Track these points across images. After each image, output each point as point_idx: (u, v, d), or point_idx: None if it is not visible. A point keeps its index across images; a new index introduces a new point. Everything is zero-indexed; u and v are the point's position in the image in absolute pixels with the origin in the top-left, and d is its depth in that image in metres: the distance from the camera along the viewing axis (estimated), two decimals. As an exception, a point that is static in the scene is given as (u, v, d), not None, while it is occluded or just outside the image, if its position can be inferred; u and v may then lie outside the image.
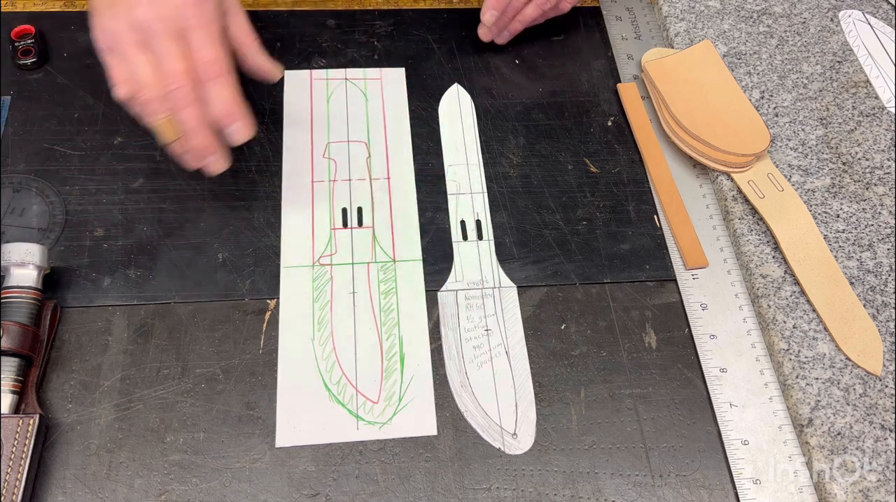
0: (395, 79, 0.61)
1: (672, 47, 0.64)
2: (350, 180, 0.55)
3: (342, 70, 0.61)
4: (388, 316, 0.50)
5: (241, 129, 0.47)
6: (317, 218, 0.54)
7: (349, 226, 0.53)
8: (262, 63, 0.50)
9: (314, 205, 0.54)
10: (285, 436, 0.45)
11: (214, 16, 0.46)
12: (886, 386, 0.48)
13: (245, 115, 0.46)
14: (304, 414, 0.46)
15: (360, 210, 0.54)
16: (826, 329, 0.49)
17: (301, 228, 0.53)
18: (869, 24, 0.67)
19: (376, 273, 0.51)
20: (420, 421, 0.46)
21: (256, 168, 0.56)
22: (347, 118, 0.59)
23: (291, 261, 0.51)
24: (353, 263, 0.52)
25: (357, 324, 0.49)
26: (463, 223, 0.54)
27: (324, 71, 0.61)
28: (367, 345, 0.49)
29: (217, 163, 0.48)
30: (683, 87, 0.58)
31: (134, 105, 0.46)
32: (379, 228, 0.53)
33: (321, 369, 0.48)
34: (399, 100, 0.60)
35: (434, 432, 0.46)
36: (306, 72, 0.61)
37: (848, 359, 0.48)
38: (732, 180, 0.56)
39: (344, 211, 0.54)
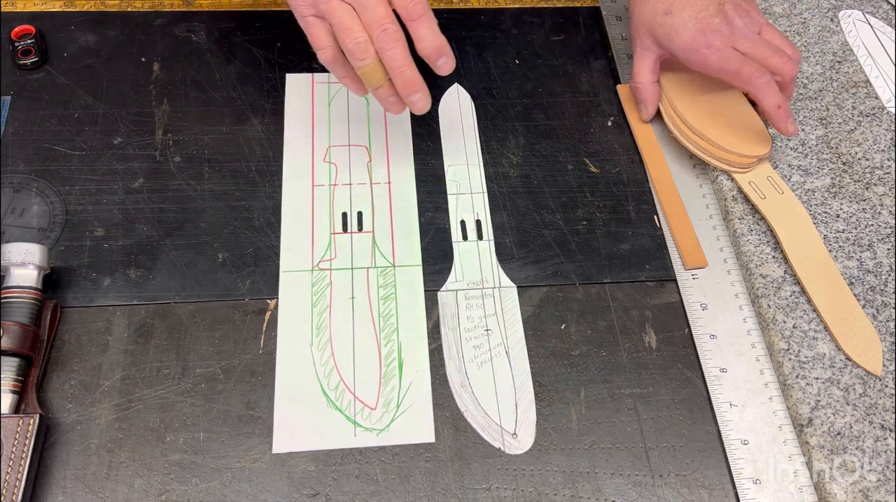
0: (395, 80, 0.61)
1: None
2: (350, 184, 0.55)
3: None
4: (387, 321, 0.50)
5: (448, 62, 0.49)
6: (316, 222, 0.54)
7: (349, 230, 0.53)
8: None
9: (314, 209, 0.54)
10: (282, 442, 0.45)
11: None
12: (886, 386, 0.48)
13: (449, 48, 0.48)
14: (302, 420, 0.46)
15: (360, 214, 0.54)
16: (827, 329, 0.49)
17: (301, 232, 0.53)
18: (869, 24, 0.67)
19: (375, 278, 0.51)
20: (418, 427, 0.46)
21: (256, 168, 0.56)
22: (349, 122, 0.58)
23: (291, 265, 0.51)
24: (352, 268, 0.52)
25: (356, 330, 0.49)
26: (463, 223, 0.54)
27: (325, 75, 0.61)
28: (365, 351, 0.48)
29: (424, 100, 0.50)
30: (688, 86, 0.58)
31: (334, 67, 0.50)
32: (379, 233, 0.53)
33: (319, 374, 0.47)
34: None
35: (432, 439, 0.46)
36: (308, 75, 0.61)
37: (848, 358, 0.48)
38: (733, 180, 0.56)
39: (344, 215, 0.54)
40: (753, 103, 0.57)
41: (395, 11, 0.47)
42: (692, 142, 0.56)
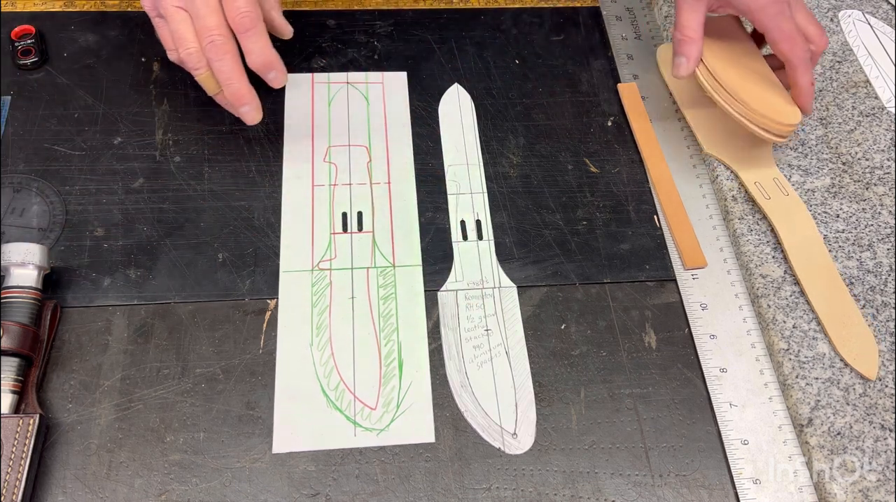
0: (397, 83, 0.61)
1: (672, 47, 0.64)
2: (350, 184, 0.55)
3: (344, 74, 0.61)
4: (387, 321, 0.50)
5: (278, 77, 0.51)
6: (316, 222, 0.53)
7: (349, 230, 0.53)
8: (277, 20, 0.54)
9: (314, 209, 0.54)
10: (282, 442, 0.45)
11: None
12: (886, 386, 0.48)
13: (280, 63, 0.51)
14: (302, 420, 0.46)
15: (360, 214, 0.54)
16: (824, 332, 0.49)
17: (301, 232, 0.53)
18: (869, 24, 0.67)
19: (375, 278, 0.51)
20: (418, 427, 0.46)
21: (256, 168, 0.56)
22: (349, 122, 0.58)
23: (291, 265, 0.51)
24: (352, 268, 0.52)
25: (356, 330, 0.49)
26: (463, 223, 0.54)
27: (325, 75, 0.61)
28: (365, 351, 0.48)
29: (253, 112, 0.52)
30: (722, 50, 0.57)
31: (181, 64, 0.51)
32: (379, 233, 0.53)
33: (319, 374, 0.47)
34: (401, 104, 0.60)
35: (432, 439, 0.46)
36: (308, 75, 0.61)
37: (844, 362, 0.48)
38: (738, 179, 0.56)
39: (344, 215, 0.54)
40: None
41: None
42: (730, 104, 0.54)
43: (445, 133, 0.59)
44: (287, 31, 0.56)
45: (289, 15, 0.65)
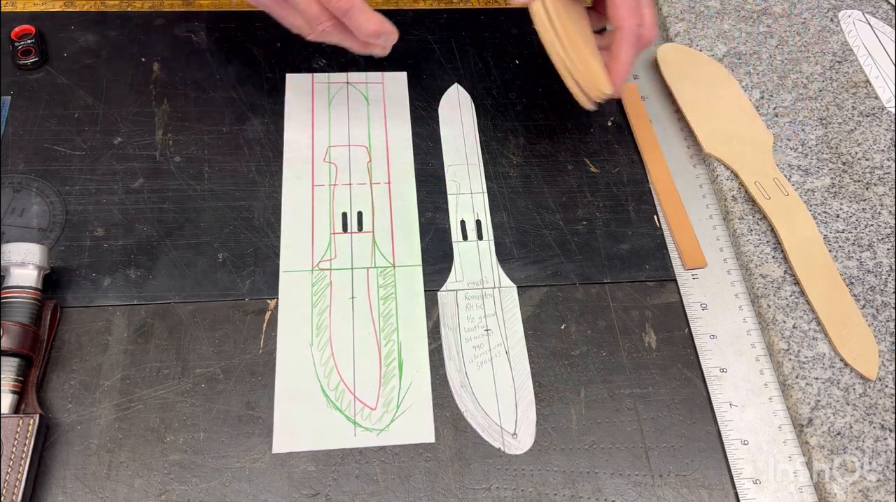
0: (397, 83, 0.61)
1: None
2: (350, 184, 0.55)
3: (344, 74, 0.61)
4: (387, 321, 0.50)
5: (390, 38, 0.51)
6: (316, 222, 0.53)
7: (349, 230, 0.53)
8: None
9: (314, 209, 0.54)
10: (282, 442, 0.45)
11: None
12: (886, 386, 0.48)
13: (388, 24, 0.50)
14: (302, 420, 0.46)
15: (360, 214, 0.54)
16: (824, 332, 0.49)
17: (301, 232, 0.53)
18: (869, 24, 0.67)
19: (375, 278, 0.51)
20: (418, 427, 0.46)
21: (256, 168, 0.56)
22: (349, 122, 0.58)
23: (291, 265, 0.51)
24: (352, 268, 0.52)
25: (356, 330, 0.49)
26: (463, 223, 0.54)
27: (325, 75, 0.61)
28: (365, 351, 0.48)
29: (389, 40, 0.51)
30: (566, 9, 0.56)
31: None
32: (379, 233, 0.53)
33: (319, 374, 0.47)
34: (401, 104, 0.60)
35: (432, 439, 0.46)
36: (308, 75, 0.61)
37: (844, 362, 0.48)
38: (738, 179, 0.56)
39: (344, 215, 0.54)
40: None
41: None
42: (559, 51, 0.52)
43: (445, 133, 0.59)
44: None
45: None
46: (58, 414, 0.45)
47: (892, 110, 0.61)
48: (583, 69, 0.52)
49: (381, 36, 0.50)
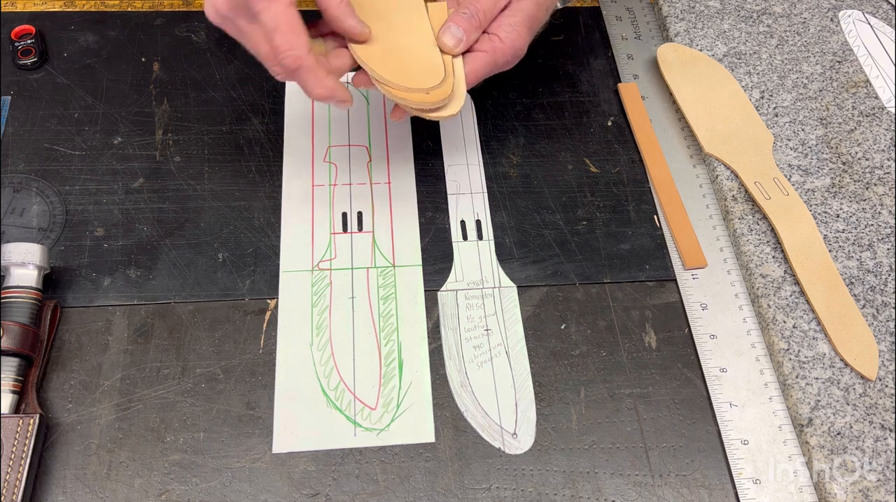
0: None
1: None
2: (350, 184, 0.55)
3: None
4: (387, 321, 0.50)
5: (343, 103, 0.46)
6: (316, 222, 0.53)
7: (349, 230, 0.53)
8: (350, 26, 0.46)
9: (314, 209, 0.54)
10: (282, 442, 0.45)
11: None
12: (886, 386, 0.48)
13: (341, 89, 0.45)
14: (302, 420, 0.46)
15: (360, 214, 0.54)
16: (824, 331, 0.49)
17: (301, 232, 0.53)
18: (869, 24, 0.67)
19: (375, 278, 0.51)
20: (418, 427, 0.46)
21: (256, 168, 0.56)
22: (349, 122, 0.58)
23: (291, 265, 0.51)
24: (352, 268, 0.52)
25: (356, 330, 0.49)
26: (463, 223, 0.54)
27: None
28: (365, 351, 0.48)
29: (343, 104, 0.46)
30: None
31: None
32: (379, 233, 0.53)
33: (319, 374, 0.47)
34: None
35: (432, 439, 0.46)
36: (306, 72, 0.61)
37: (844, 362, 0.48)
38: (738, 179, 0.56)
39: (344, 215, 0.54)
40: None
41: None
42: (380, 86, 0.47)
43: (445, 133, 0.59)
44: (366, 34, 0.47)
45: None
46: (58, 414, 0.45)
47: (892, 110, 0.61)
48: (397, 83, 0.46)
49: (331, 100, 0.45)
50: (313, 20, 0.47)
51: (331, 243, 0.53)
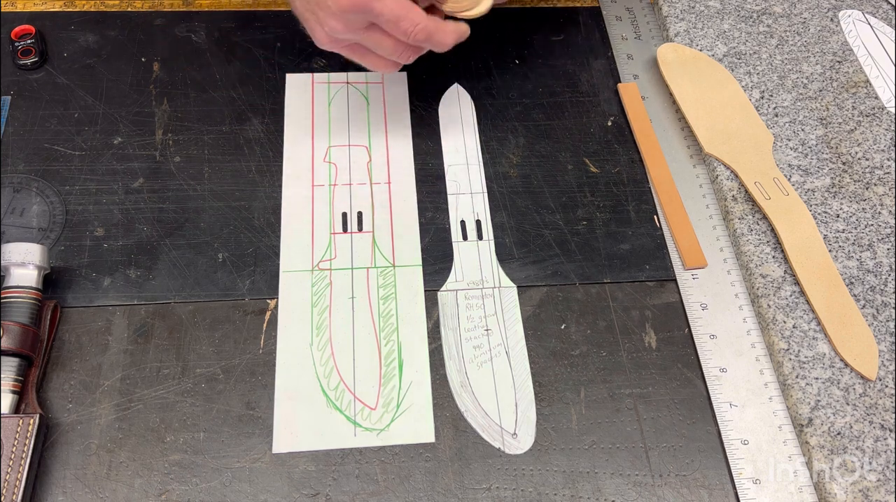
0: (397, 83, 0.61)
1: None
2: (350, 184, 0.55)
3: (344, 74, 0.61)
4: (387, 321, 0.50)
5: (464, 33, 0.50)
6: (316, 222, 0.53)
7: (349, 230, 0.53)
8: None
9: (314, 209, 0.54)
10: (282, 442, 0.45)
11: None
12: (886, 386, 0.48)
13: (463, 27, 0.50)
14: (302, 420, 0.46)
15: (360, 214, 0.54)
16: (824, 331, 0.49)
17: (301, 232, 0.53)
18: (869, 24, 0.67)
19: (376, 278, 0.51)
20: (418, 427, 0.46)
21: (256, 168, 0.56)
22: (349, 122, 0.58)
23: (291, 265, 0.51)
24: (352, 268, 0.52)
25: (356, 330, 0.49)
26: (463, 223, 0.54)
27: (325, 75, 0.61)
28: (365, 351, 0.48)
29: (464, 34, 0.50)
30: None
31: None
32: (379, 233, 0.53)
33: (319, 374, 0.47)
34: (401, 104, 0.60)
35: (432, 439, 0.46)
36: (308, 75, 0.61)
37: (844, 362, 0.48)
38: (738, 179, 0.56)
39: (344, 215, 0.54)
40: None
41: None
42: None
43: (445, 133, 0.59)
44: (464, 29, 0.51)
45: (289, 15, 0.65)
46: (58, 414, 0.45)
47: (892, 110, 0.61)
48: None
49: (460, 38, 0.50)
50: None
51: (331, 243, 0.53)
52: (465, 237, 0.54)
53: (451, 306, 0.51)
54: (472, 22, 0.66)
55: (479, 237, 0.54)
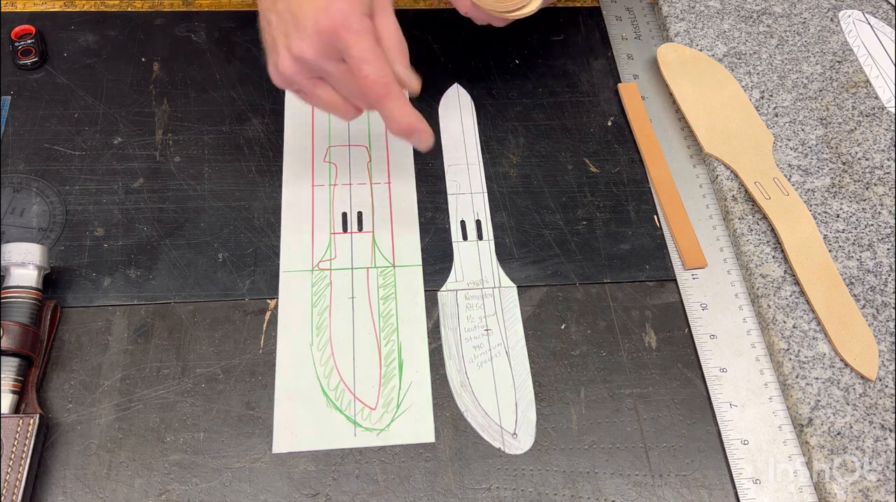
0: (395, 80, 0.61)
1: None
2: (350, 184, 0.55)
3: None
4: (387, 321, 0.50)
5: (423, 139, 0.46)
6: (316, 222, 0.53)
7: (349, 230, 0.53)
8: (402, 74, 0.46)
9: (314, 209, 0.54)
10: (282, 442, 0.45)
11: (367, 25, 0.43)
12: (886, 386, 0.48)
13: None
14: (302, 420, 0.46)
15: (360, 214, 0.54)
16: (824, 331, 0.49)
17: (301, 232, 0.53)
18: (869, 24, 0.67)
19: (376, 278, 0.51)
20: (418, 427, 0.46)
21: (256, 168, 0.56)
22: (349, 122, 0.58)
23: (291, 265, 0.51)
24: (352, 268, 0.52)
25: (356, 330, 0.49)
26: (463, 223, 0.54)
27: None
28: (365, 351, 0.48)
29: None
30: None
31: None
32: (379, 233, 0.53)
33: (319, 374, 0.47)
34: None
35: (432, 439, 0.46)
36: (306, 72, 0.61)
37: (844, 362, 0.48)
38: (738, 179, 0.56)
39: (344, 215, 0.54)
40: None
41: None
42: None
43: (445, 133, 0.59)
44: (415, 86, 0.46)
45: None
46: (58, 414, 0.45)
47: (892, 110, 0.61)
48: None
49: (413, 135, 0.46)
50: None
51: (331, 243, 0.53)
52: (465, 237, 0.54)
53: (451, 306, 0.51)
54: (472, 21, 0.66)
55: (479, 237, 0.54)
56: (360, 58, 0.43)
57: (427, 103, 0.60)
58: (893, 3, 0.69)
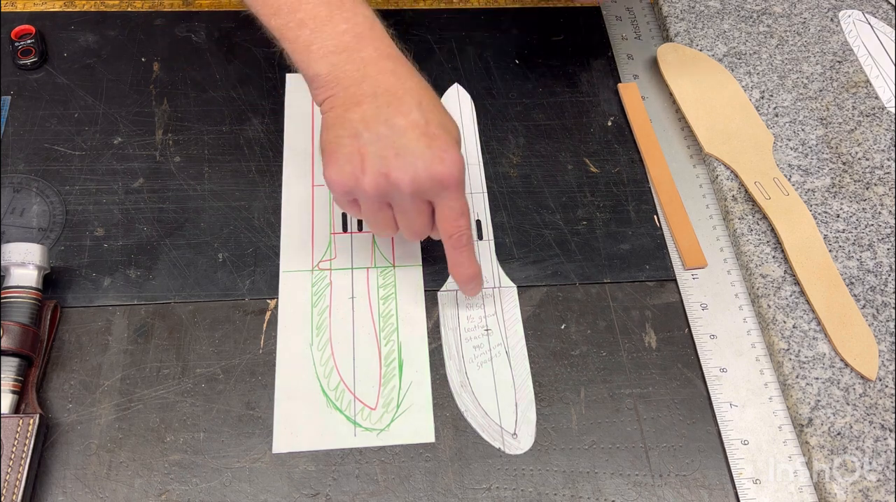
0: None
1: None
2: None
3: None
4: (387, 321, 0.50)
5: (476, 288, 0.49)
6: (316, 222, 0.53)
7: (349, 230, 0.53)
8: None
9: (314, 209, 0.54)
10: (282, 442, 0.45)
11: (462, 181, 0.44)
12: (886, 386, 0.48)
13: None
14: (302, 420, 0.46)
15: (360, 212, 0.54)
16: (824, 331, 0.49)
17: (301, 232, 0.53)
18: (869, 24, 0.67)
19: (375, 278, 0.51)
20: (418, 427, 0.46)
21: (256, 168, 0.56)
22: None
23: (291, 265, 0.51)
24: (352, 268, 0.52)
25: (356, 330, 0.49)
26: (463, 223, 0.54)
27: (324, 71, 0.61)
28: (365, 351, 0.48)
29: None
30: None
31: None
32: (379, 230, 0.53)
33: (319, 375, 0.47)
34: None
35: (432, 439, 0.46)
36: (306, 72, 0.61)
37: (844, 362, 0.48)
38: (738, 179, 0.56)
39: (344, 215, 0.54)
40: None
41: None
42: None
43: (445, 133, 0.59)
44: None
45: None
46: (58, 414, 0.45)
47: (892, 110, 0.61)
48: None
49: (469, 284, 0.48)
50: None
51: (331, 243, 0.53)
52: (465, 237, 0.54)
53: (452, 306, 0.51)
54: (472, 21, 0.66)
55: (480, 237, 0.54)
56: (459, 210, 0.44)
57: (427, 103, 0.60)
58: (893, 3, 0.69)
